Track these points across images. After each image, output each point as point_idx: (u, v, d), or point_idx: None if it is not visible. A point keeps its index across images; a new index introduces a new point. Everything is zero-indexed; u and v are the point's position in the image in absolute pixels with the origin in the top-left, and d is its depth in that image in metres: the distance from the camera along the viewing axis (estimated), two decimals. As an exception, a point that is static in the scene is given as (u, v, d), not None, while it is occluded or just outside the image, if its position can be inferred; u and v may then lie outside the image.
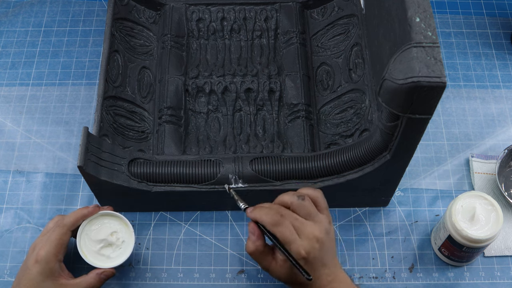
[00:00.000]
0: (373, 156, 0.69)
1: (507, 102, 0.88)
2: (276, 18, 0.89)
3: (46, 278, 0.66)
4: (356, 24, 0.85)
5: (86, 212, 0.70)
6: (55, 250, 0.67)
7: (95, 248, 0.71)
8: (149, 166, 0.73)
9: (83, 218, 0.70)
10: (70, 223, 0.69)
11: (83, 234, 0.71)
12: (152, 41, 0.88)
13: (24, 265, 0.68)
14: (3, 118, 0.87)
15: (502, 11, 0.96)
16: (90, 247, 0.71)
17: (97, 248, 0.71)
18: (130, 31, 0.86)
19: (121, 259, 0.71)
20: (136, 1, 0.88)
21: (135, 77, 0.84)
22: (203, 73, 0.84)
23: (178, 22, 0.88)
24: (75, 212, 0.70)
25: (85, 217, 0.70)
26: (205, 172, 0.73)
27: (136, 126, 0.80)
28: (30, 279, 0.66)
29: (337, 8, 0.88)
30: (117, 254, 0.71)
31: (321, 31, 0.88)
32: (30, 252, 0.68)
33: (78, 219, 0.70)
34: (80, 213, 0.70)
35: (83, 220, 0.71)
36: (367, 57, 0.80)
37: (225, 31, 0.88)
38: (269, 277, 0.75)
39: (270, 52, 0.86)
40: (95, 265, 0.70)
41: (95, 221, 0.72)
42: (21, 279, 0.66)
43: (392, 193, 0.77)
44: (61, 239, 0.67)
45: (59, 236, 0.67)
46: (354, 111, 0.80)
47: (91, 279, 0.68)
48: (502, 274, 0.75)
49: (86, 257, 0.70)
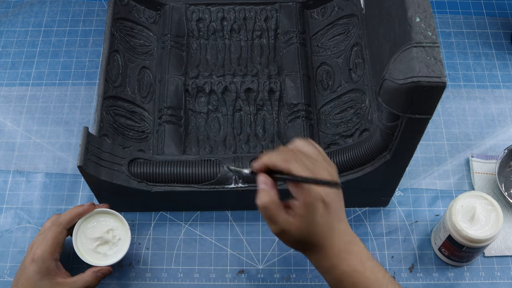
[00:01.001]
0: (373, 156, 0.69)
1: (507, 102, 0.88)
2: (276, 18, 0.89)
3: (42, 277, 0.66)
4: (356, 24, 0.85)
5: (82, 210, 0.70)
6: (51, 249, 0.67)
7: (91, 246, 0.71)
8: (149, 166, 0.73)
9: (79, 216, 0.70)
10: (65, 221, 0.69)
11: (79, 232, 0.71)
12: (152, 41, 0.88)
13: (22, 264, 0.68)
14: (3, 118, 0.87)
15: (502, 11, 0.96)
16: (86, 245, 0.71)
17: (93, 246, 0.71)
18: (130, 31, 0.86)
19: (117, 256, 0.71)
20: (136, 1, 0.88)
21: (135, 77, 0.84)
22: (203, 73, 0.84)
23: (178, 22, 0.88)
24: (70, 210, 0.70)
25: (80, 215, 0.70)
26: (205, 172, 0.73)
27: (136, 126, 0.80)
28: (27, 278, 0.66)
29: (337, 8, 0.88)
30: (114, 252, 0.71)
31: (321, 31, 0.88)
32: (28, 251, 0.68)
33: (73, 218, 0.70)
34: (75, 211, 0.70)
35: (79, 218, 0.71)
36: (367, 57, 0.80)
37: (225, 31, 0.88)
38: (269, 277, 0.75)
39: (270, 52, 0.86)
40: (91, 263, 0.70)
41: (91, 219, 0.72)
42: (19, 278, 0.67)
43: (392, 193, 0.77)
44: (56, 238, 0.68)
45: (55, 235, 0.68)
46: (354, 111, 0.80)
47: (87, 277, 0.68)
48: (502, 274, 0.75)
49: (82, 256, 0.70)
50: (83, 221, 0.71)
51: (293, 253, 0.77)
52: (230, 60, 0.86)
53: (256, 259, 0.77)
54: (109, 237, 0.71)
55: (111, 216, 0.73)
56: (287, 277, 0.75)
